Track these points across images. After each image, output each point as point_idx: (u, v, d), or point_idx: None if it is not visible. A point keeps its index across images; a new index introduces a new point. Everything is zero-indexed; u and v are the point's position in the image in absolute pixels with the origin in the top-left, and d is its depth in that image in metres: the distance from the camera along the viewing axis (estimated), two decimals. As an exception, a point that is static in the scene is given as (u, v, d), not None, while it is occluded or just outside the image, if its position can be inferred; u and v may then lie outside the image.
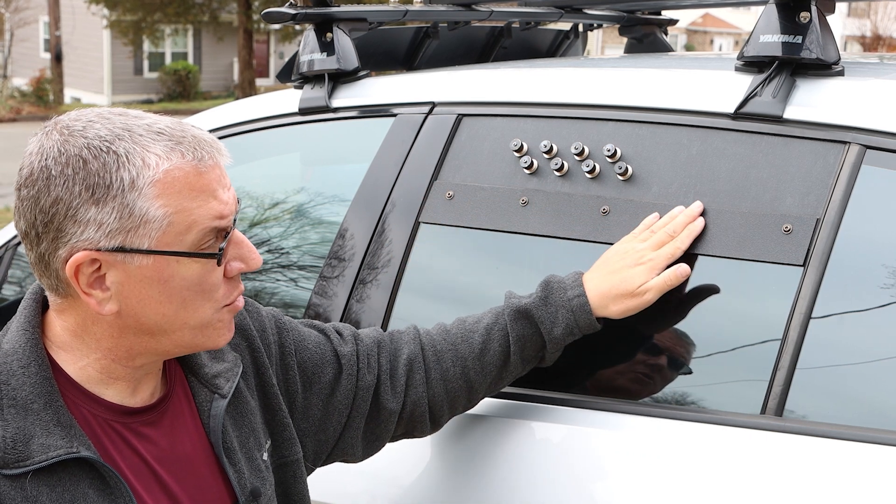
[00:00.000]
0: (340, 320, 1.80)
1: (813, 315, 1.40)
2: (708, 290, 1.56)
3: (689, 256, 1.51)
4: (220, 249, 1.18)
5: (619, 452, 1.47)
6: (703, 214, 1.52)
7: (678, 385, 1.54)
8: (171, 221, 1.15)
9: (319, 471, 1.57)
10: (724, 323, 1.55)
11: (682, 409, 1.49)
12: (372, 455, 1.54)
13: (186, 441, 1.26)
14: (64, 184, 1.12)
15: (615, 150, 1.63)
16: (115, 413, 1.21)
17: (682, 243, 1.50)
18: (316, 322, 1.53)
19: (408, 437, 1.56)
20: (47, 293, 1.21)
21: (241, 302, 1.26)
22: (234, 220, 1.22)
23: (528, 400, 1.59)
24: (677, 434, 1.44)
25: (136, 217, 1.13)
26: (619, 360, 1.60)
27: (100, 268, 1.15)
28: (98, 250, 1.13)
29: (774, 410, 1.39)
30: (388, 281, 1.77)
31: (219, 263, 1.19)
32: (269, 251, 2.21)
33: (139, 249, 1.14)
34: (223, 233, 1.19)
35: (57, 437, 1.13)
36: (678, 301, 1.55)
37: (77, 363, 1.20)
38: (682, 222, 1.51)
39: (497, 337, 1.51)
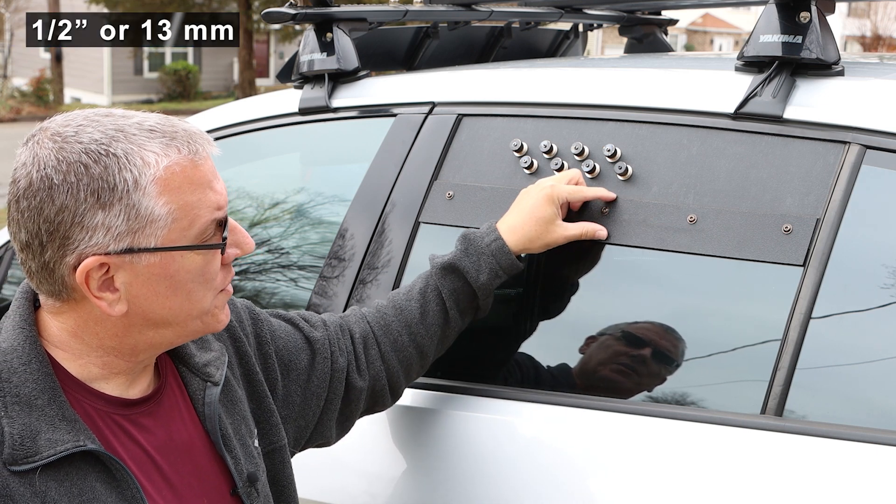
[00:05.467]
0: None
1: (813, 315, 1.40)
2: (708, 290, 1.56)
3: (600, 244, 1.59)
4: (223, 239, 1.21)
5: (619, 452, 1.47)
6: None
7: (678, 385, 1.54)
8: (175, 217, 1.16)
9: (319, 470, 1.57)
10: (725, 323, 1.55)
11: (683, 408, 1.49)
12: (343, 436, 1.58)
13: (182, 430, 1.27)
14: (68, 191, 1.12)
15: (615, 150, 1.63)
16: (114, 406, 1.22)
17: (589, 189, 1.61)
18: (281, 312, 1.55)
19: (370, 413, 1.60)
20: (42, 297, 1.21)
21: (231, 286, 1.28)
22: None
23: (527, 401, 1.59)
24: (677, 434, 1.44)
25: (142, 217, 1.14)
26: (619, 360, 1.60)
27: (108, 270, 1.15)
28: (107, 254, 1.14)
29: (774, 410, 1.39)
30: (388, 281, 1.77)
31: (223, 252, 1.21)
32: (269, 251, 2.21)
33: (147, 248, 1.15)
34: (222, 222, 1.20)
35: (63, 431, 1.14)
36: (679, 300, 1.55)
37: (77, 360, 1.21)
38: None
39: (432, 297, 1.59)
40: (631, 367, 1.58)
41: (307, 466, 1.60)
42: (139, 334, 1.21)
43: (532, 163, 1.70)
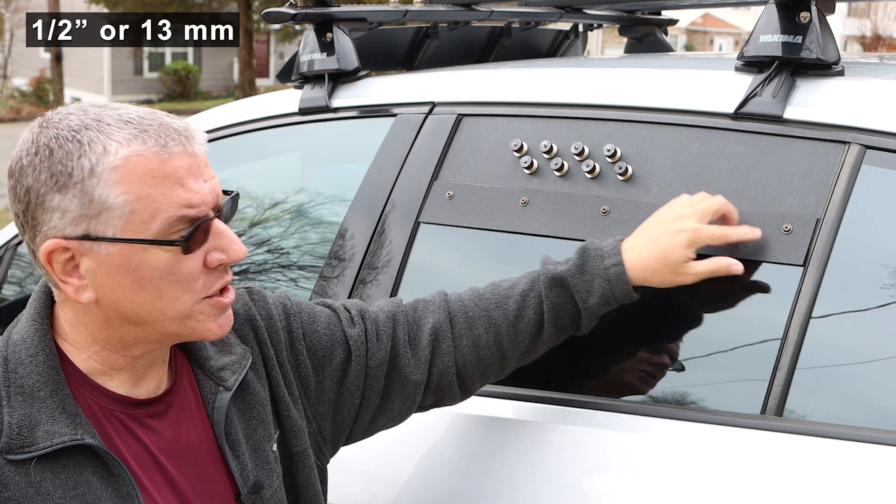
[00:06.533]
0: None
1: (813, 315, 1.40)
2: (708, 290, 1.56)
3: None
4: (182, 237, 1.16)
5: (618, 452, 1.47)
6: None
7: (679, 385, 1.54)
8: (134, 209, 1.14)
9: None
10: (724, 323, 1.55)
11: (683, 409, 1.49)
12: (395, 426, 1.52)
13: (192, 433, 1.27)
14: (33, 172, 1.14)
15: (615, 150, 1.63)
16: (120, 404, 1.22)
17: (733, 233, 1.45)
18: (327, 300, 1.51)
19: (438, 406, 1.53)
20: (50, 285, 1.23)
21: (227, 297, 1.24)
22: (222, 211, 1.21)
23: (528, 400, 1.59)
24: (677, 434, 1.44)
25: (96, 204, 1.14)
26: (619, 360, 1.60)
27: (73, 256, 1.16)
28: (65, 238, 1.15)
29: (774, 410, 1.39)
30: (388, 281, 1.77)
31: (184, 252, 1.17)
32: (269, 251, 2.21)
33: (104, 237, 1.15)
34: (195, 222, 1.17)
35: (62, 424, 1.15)
36: (679, 301, 1.55)
37: (81, 353, 1.22)
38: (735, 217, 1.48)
39: (532, 304, 1.46)
40: (632, 367, 1.58)
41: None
42: (121, 328, 1.20)
43: (532, 163, 1.70)
